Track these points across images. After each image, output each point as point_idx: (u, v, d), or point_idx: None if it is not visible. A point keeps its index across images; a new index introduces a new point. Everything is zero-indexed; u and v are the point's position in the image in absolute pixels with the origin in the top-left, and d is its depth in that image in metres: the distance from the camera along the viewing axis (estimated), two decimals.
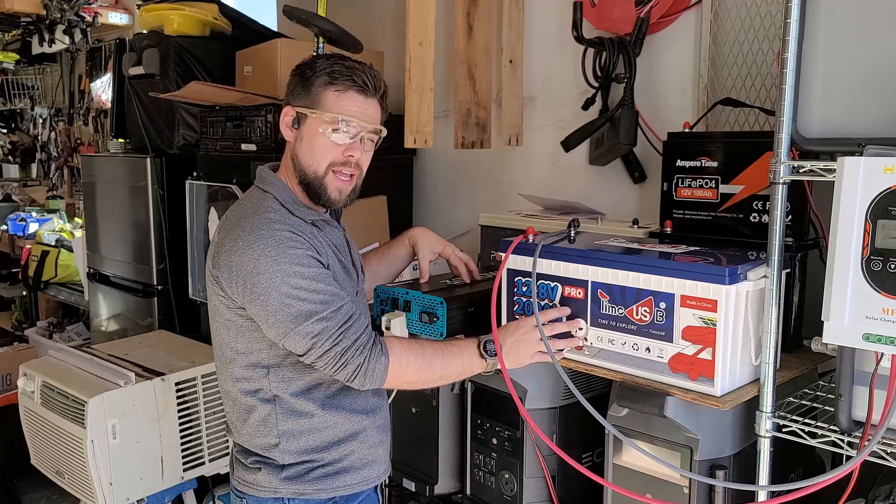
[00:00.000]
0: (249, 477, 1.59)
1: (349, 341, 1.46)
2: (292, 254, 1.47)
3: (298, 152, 1.58)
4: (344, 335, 1.46)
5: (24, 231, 5.20)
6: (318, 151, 1.56)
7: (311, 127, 1.56)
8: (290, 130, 1.59)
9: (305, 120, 1.56)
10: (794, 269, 1.68)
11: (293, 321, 1.45)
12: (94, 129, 5.08)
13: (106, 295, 3.68)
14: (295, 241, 1.49)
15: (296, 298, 1.45)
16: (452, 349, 1.59)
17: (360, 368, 1.47)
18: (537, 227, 1.83)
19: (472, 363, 1.60)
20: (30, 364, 2.54)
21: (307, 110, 1.55)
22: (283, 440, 1.56)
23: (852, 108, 1.36)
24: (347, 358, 1.46)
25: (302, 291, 1.45)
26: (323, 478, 1.58)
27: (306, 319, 1.45)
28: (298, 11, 2.45)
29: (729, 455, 1.58)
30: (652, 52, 2.36)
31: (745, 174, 1.75)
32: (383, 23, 3.27)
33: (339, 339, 1.46)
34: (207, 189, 2.93)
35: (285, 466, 1.57)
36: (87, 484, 2.25)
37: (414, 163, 3.19)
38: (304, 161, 1.57)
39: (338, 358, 1.46)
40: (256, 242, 1.47)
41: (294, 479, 1.56)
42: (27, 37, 4.83)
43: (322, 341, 1.45)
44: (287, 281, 1.45)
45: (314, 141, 1.56)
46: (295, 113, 1.58)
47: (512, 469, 1.90)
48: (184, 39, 3.22)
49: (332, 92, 1.55)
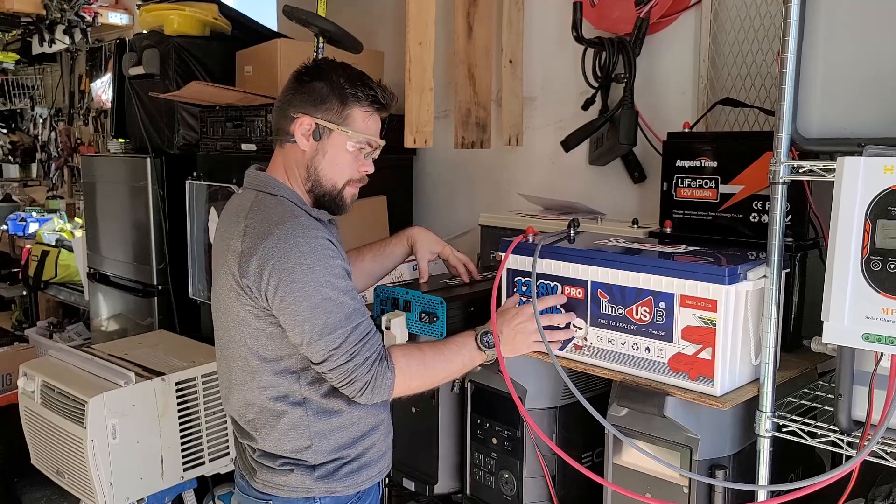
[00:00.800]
0: (279, 479, 1.59)
1: (361, 359, 1.48)
2: (326, 263, 1.48)
3: (317, 164, 1.58)
4: (358, 353, 1.48)
5: (24, 231, 5.20)
6: (341, 167, 1.59)
7: (336, 143, 1.57)
8: (308, 140, 1.57)
9: (330, 134, 1.57)
10: (793, 268, 1.68)
11: (318, 332, 1.47)
12: (94, 129, 5.08)
13: (106, 295, 3.68)
14: (330, 249, 1.50)
15: (324, 311, 1.46)
16: (452, 348, 1.61)
17: (367, 386, 1.49)
18: (537, 227, 1.83)
19: (473, 358, 1.62)
20: (30, 364, 2.54)
21: (334, 126, 1.56)
22: (316, 441, 1.57)
23: (852, 108, 1.36)
24: (357, 375, 1.48)
25: (330, 303, 1.47)
26: (351, 474, 1.61)
27: (330, 332, 1.47)
28: (298, 11, 2.46)
29: (729, 455, 1.58)
30: (652, 52, 2.36)
31: (745, 174, 1.75)
32: (383, 23, 3.27)
33: (353, 356, 1.48)
34: (207, 189, 2.93)
35: (317, 467, 1.58)
36: (87, 484, 2.25)
37: (414, 163, 3.19)
38: (324, 174, 1.58)
39: (348, 374, 1.48)
40: (293, 250, 1.46)
41: (326, 477, 1.58)
42: (27, 37, 4.83)
43: (338, 356, 1.47)
44: (319, 291, 1.46)
45: (338, 157, 1.58)
46: (315, 125, 1.56)
47: (512, 469, 1.90)
48: (184, 39, 3.22)
49: (362, 112, 1.58)
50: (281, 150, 1.63)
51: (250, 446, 1.63)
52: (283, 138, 1.61)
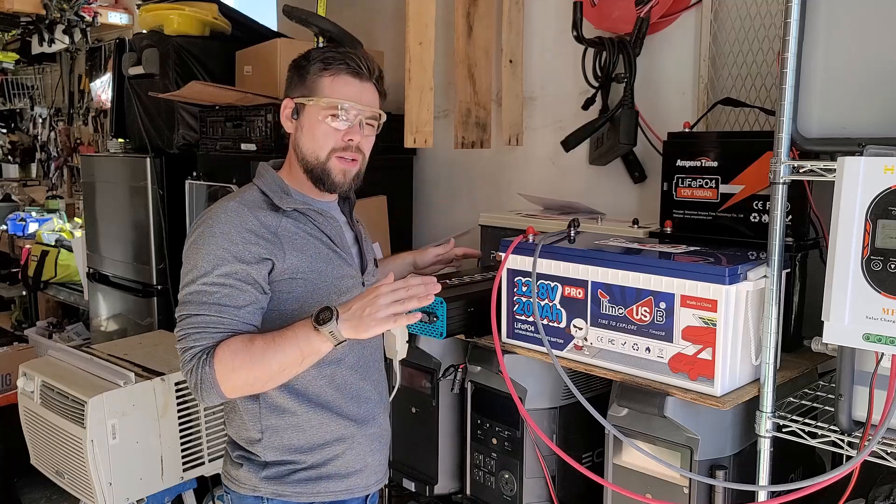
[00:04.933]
0: (233, 472, 1.60)
1: (187, 344, 1.44)
2: (212, 249, 1.47)
3: (300, 141, 1.59)
4: (188, 336, 1.44)
5: (23, 231, 5.20)
6: (318, 138, 1.57)
7: (309, 115, 1.58)
8: (290, 122, 1.61)
9: (304, 109, 1.59)
10: (794, 269, 1.69)
11: (179, 298, 1.48)
12: (94, 128, 5.08)
13: (105, 295, 3.68)
14: (228, 240, 1.47)
15: (191, 281, 1.47)
16: (285, 334, 1.42)
17: (189, 375, 1.43)
18: (537, 227, 1.83)
19: (311, 342, 1.40)
20: (29, 364, 2.53)
21: (304, 99, 1.58)
22: (266, 435, 1.56)
23: (852, 108, 1.36)
24: (182, 361, 1.44)
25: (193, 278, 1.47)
26: (304, 481, 1.57)
27: (183, 303, 1.47)
28: (298, 11, 2.46)
29: (729, 455, 1.58)
30: (652, 52, 2.36)
31: (745, 174, 1.75)
32: (383, 23, 3.27)
33: (184, 337, 1.45)
34: (207, 189, 2.92)
35: (267, 465, 1.56)
36: (87, 484, 2.24)
37: (414, 163, 3.19)
38: (306, 148, 1.58)
39: (180, 355, 1.45)
40: (199, 227, 1.51)
41: (274, 479, 1.56)
42: (27, 36, 4.82)
43: (178, 329, 1.46)
44: (195, 260, 1.47)
45: (314, 128, 1.57)
46: (293, 104, 1.60)
47: (512, 469, 1.90)
48: (183, 39, 3.22)
49: (327, 77, 1.57)
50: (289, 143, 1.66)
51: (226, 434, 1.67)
52: (283, 131, 1.65)
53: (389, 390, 1.79)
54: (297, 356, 1.41)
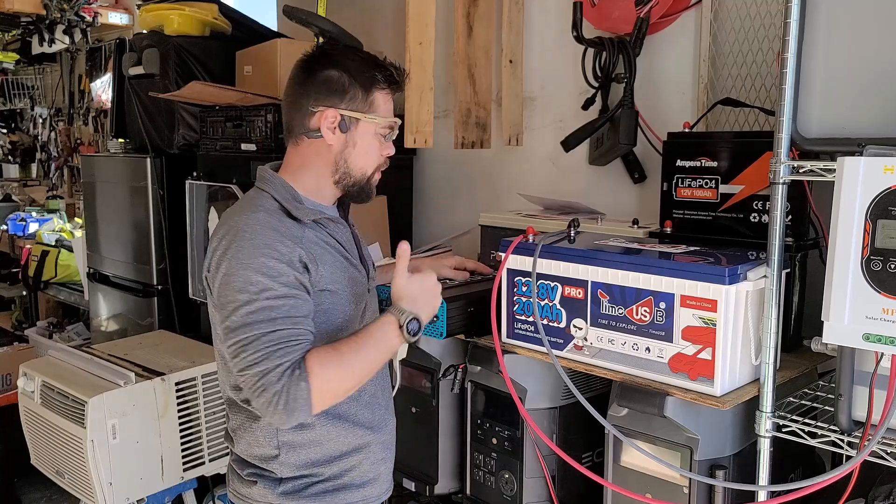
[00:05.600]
0: (244, 490, 1.55)
1: (272, 364, 1.32)
2: (263, 262, 1.38)
3: (349, 157, 1.53)
4: (269, 357, 1.33)
5: (24, 231, 5.20)
6: (372, 155, 1.55)
7: (364, 131, 1.53)
8: (333, 133, 1.51)
9: (357, 124, 1.51)
10: (794, 269, 1.69)
11: (236, 324, 1.36)
12: (94, 129, 5.08)
13: (106, 295, 3.68)
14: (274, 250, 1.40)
15: (247, 303, 1.36)
16: (371, 342, 1.42)
17: (277, 398, 1.31)
18: (537, 227, 1.84)
19: (395, 346, 1.45)
20: (30, 364, 2.53)
21: (359, 115, 1.51)
22: (284, 452, 1.51)
23: (852, 108, 1.36)
24: (265, 383, 1.32)
25: (258, 298, 1.36)
26: (322, 494, 1.53)
27: (246, 326, 1.35)
28: (298, 11, 2.46)
29: (729, 455, 1.58)
30: (652, 52, 2.36)
31: (745, 174, 1.75)
32: (383, 23, 3.27)
33: (262, 360, 1.33)
34: (207, 189, 2.92)
35: (283, 480, 1.51)
36: (87, 484, 2.24)
37: (414, 163, 3.19)
38: (356, 164, 1.54)
39: (256, 380, 1.33)
40: (234, 242, 1.41)
41: (291, 493, 1.51)
42: (27, 37, 4.83)
43: (248, 353, 1.34)
44: (248, 277, 1.37)
45: (369, 146, 1.54)
46: (341, 117, 1.50)
47: (512, 469, 1.90)
48: (184, 39, 3.22)
49: (383, 95, 1.54)
50: (296, 147, 1.55)
51: (231, 450, 1.61)
52: (302, 134, 1.53)
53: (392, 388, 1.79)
54: (382, 359, 1.46)
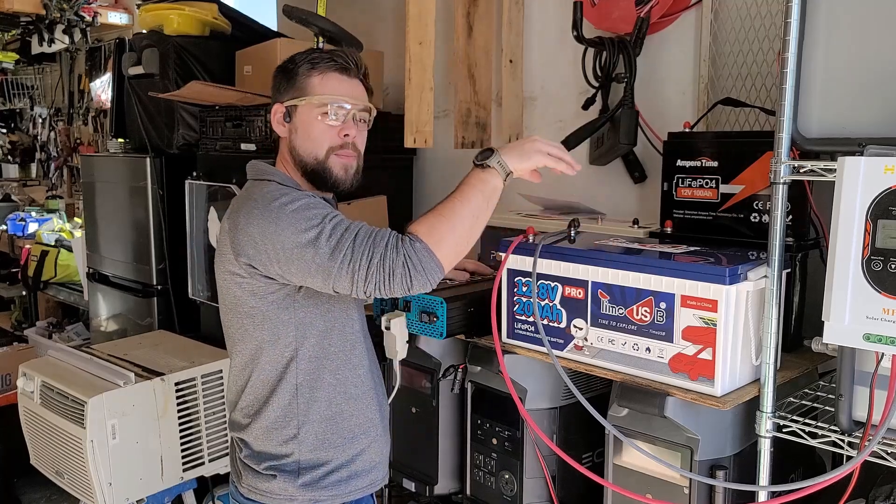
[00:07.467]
0: (263, 485, 1.57)
1: (381, 248, 1.39)
2: (305, 202, 1.47)
3: (296, 143, 1.58)
4: (373, 244, 1.40)
5: (23, 231, 5.20)
6: (315, 137, 1.57)
7: (302, 116, 1.57)
8: (283, 126, 1.60)
9: (296, 111, 1.58)
10: (794, 269, 1.68)
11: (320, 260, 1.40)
12: (94, 128, 5.07)
13: (105, 295, 3.67)
14: (305, 195, 1.50)
15: (305, 218, 1.43)
16: (461, 189, 1.49)
17: (409, 263, 1.39)
18: (537, 227, 1.83)
19: (486, 182, 1.49)
20: (29, 364, 2.53)
21: (295, 101, 1.57)
22: (303, 430, 1.55)
23: (852, 108, 1.36)
24: (388, 264, 1.38)
25: (319, 226, 1.42)
26: (337, 483, 1.58)
27: (333, 250, 1.40)
28: (298, 11, 2.46)
29: (729, 455, 1.58)
30: (652, 52, 2.36)
31: (746, 174, 1.75)
32: (383, 23, 3.27)
33: (369, 250, 1.39)
34: (207, 189, 2.92)
35: (300, 472, 1.55)
36: (87, 484, 2.24)
37: (414, 163, 3.19)
38: (303, 150, 1.57)
39: (379, 268, 1.39)
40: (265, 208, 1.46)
41: (310, 485, 1.56)
42: (27, 36, 4.82)
43: (352, 257, 1.39)
44: (301, 217, 1.43)
45: (310, 128, 1.57)
46: (284, 108, 1.59)
47: (512, 469, 1.89)
48: (183, 39, 3.22)
49: (317, 77, 1.57)
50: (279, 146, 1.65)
51: (240, 441, 1.62)
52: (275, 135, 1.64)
53: (389, 390, 1.79)
54: (482, 200, 1.48)
